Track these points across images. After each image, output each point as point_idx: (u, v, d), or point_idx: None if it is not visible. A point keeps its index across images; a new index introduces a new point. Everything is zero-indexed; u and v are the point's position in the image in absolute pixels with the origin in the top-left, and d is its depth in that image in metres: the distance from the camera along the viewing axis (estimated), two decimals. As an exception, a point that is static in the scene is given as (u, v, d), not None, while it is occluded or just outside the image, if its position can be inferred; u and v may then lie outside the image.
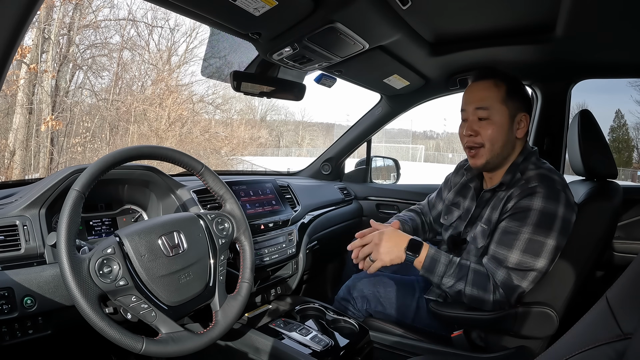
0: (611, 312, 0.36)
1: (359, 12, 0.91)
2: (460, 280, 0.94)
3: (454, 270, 0.95)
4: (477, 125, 1.00)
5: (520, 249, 0.91)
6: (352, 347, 1.08)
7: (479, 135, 0.99)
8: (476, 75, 1.04)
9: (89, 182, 0.74)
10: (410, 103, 1.78)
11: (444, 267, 0.95)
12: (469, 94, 1.03)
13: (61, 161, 7.86)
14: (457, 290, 0.95)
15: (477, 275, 0.94)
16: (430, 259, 0.96)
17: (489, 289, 0.93)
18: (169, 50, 10.29)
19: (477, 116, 1.00)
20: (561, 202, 0.91)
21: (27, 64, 7.27)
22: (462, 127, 1.04)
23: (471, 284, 0.93)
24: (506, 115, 0.98)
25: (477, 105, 0.99)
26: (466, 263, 0.96)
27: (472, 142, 1.01)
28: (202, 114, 10.91)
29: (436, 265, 0.95)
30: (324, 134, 27.47)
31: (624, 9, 0.91)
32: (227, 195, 0.97)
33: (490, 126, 0.98)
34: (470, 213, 1.10)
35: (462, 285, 0.94)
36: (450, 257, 0.97)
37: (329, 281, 1.91)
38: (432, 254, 0.96)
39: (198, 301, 0.85)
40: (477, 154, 1.01)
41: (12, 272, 0.76)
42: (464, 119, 1.04)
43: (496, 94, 0.98)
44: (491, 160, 1.00)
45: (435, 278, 0.96)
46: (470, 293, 0.94)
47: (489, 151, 0.99)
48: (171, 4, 0.81)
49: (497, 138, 0.98)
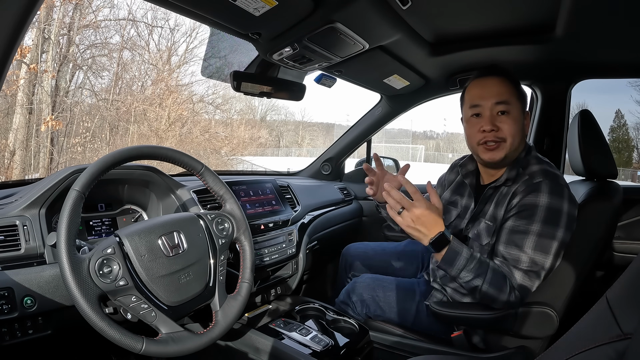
0: (611, 312, 0.36)
1: (359, 12, 0.91)
2: (478, 276, 0.91)
3: (474, 266, 0.91)
4: (497, 120, 0.98)
5: (531, 247, 0.91)
6: (352, 347, 1.08)
7: (501, 130, 0.97)
8: (487, 71, 1.02)
9: (89, 182, 0.74)
10: (410, 103, 1.78)
11: (464, 261, 0.91)
12: (484, 88, 1.00)
13: (61, 161, 7.86)
14: (474, 286, 0.92)
15: (496, 275, 0.92)
16: (452, 250, 0.91)
17: (505, 290, 0.91)
18: (169, 50, 10.30)
19: (497, 110, 0.98)
20: (565, 198, 0.91)
21: (27, 64, 7.27)
22: (476, 124, 1.00)
23: (489, 282, 0.91)
24: (520, 110, 0.99)
25: (497, 100, 0.97)
26: (486, 260, 0.94)
27: (494, 136, 0.97)
28: (202, 114, 10.92)
29: (457, 258, 0.91)
30: (324, 134, 27.45)
31: (623, 9, 0.91)
32: (227, 195, 0.97)
33: (510, 120, 0.97)
34: (470, 210, 1.09)
35: (480, 282, 0.91)
36: (471, 251, 0.93)
37: (329, 281, 1.91)
38: (455, 246, 0.91)
39: (198, 301, 0.85)
40: (497, 147, 0.98)
41: (12, 272, 0.76)
42: (476, 114, 1.01)
43: (512, 89, 0.99)
44: (509, 155, 0.98)
45: (454, 271, 0.92)
46: (486, 291, 0.91)
47: (510, 145, 0.97)
48: (171, 4, 0.81)
49: (517, 132, 0.98)
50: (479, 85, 1.02)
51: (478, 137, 1.00)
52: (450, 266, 0.92)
